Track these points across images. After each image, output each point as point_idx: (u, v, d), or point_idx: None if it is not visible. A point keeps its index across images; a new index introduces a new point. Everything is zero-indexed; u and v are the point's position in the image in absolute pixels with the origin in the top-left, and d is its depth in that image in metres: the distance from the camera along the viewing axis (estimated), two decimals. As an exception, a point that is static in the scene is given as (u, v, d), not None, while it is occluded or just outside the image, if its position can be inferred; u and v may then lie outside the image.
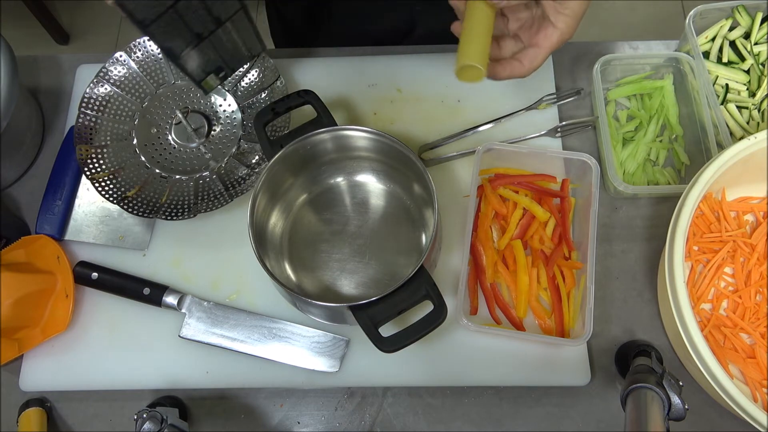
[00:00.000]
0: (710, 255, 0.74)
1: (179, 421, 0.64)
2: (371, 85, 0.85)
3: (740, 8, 0.83)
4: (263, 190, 0.69)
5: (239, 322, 0.74)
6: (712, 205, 0.76)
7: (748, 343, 0.71)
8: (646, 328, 0.74)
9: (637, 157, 0.80)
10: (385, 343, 0.60)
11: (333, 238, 0.76)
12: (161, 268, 0.77)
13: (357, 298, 0.68)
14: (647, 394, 0.58)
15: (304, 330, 0.73)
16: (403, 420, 0.72)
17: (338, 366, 0.72)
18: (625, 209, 0.80)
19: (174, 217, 0.75)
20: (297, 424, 0.73)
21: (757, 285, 0.72)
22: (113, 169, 0.78)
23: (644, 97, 0.84)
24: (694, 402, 0.69)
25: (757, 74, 0.82)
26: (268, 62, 0.82)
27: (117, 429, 0.73)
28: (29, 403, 0.71)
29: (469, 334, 0.72)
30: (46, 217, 0.78)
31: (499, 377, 0.72)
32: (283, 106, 0.73)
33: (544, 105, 0.83)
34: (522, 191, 0.77)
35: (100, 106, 0.81)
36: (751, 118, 0.81)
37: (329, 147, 0.73)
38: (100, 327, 0.75)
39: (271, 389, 0.74)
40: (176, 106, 0.82)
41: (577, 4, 0.58)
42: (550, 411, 0.72)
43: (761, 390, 0.69)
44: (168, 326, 0.74)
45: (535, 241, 0.75)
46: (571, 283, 0.73)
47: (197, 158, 0.80)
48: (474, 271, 0.74)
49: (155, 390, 0.73)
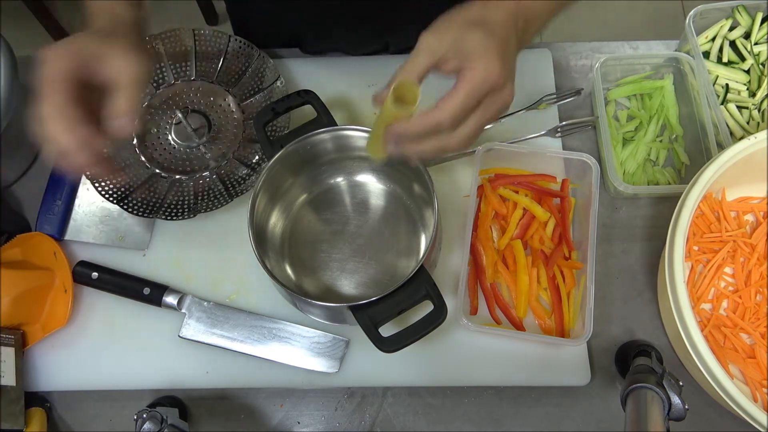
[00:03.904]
0: (710, 255, 0.74)
1: (179, 421, 0.65)
2: (371, 85, 0.85)
3: (740, 8, 0.83)
4: (263, 190, 0.69)
5: (239, 323, 0.74)
6: (712, 205, 0.76)
7: (748, 343, 0.71)
8: (646, 328, 0.74)
9: (637, 157, 0.80)
10: (385, 343, 0.60)
11: (333, 238, 0.76)
12: (161, 268, 0.77)
13: (357, 298, 0.68)
14: (647, 394, 0.58)
15: (304, 330, 0.73)
16: (403, 420, 0.72)
17: (338, 366, 0.72)
18: (625, 209, 0.80)
19: (174, 217, 0.75)
20: (297, 424, 0.73)
21: (757, 285, 0.72)
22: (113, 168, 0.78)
23: (644, 97, 0.84)
24: (694, 402, 0.69)
25: (757, 74, 0.82)
26: (268, 62, 0.82)
27: (117, 429, 0.73)
28: (30, 402, 0.71)
29: (469, 334, 0.72)
30: (46, 217, 0.78)
31: (499, 377, 0.72)
32: (283, 106, 0.73)
33: (544, 105, 0.83)
34: (522, 191, 0.77)
35: (100, 106, 0.81)
36: (751, 118, 0.81)
37: (329, 147, 0.73)
38: (100, 327, 0.75)
39: (271, 389, 0.74)
40: (176, 106, 0.82)
41: (473, 41, 0.52)
42: (550, 411, 0.72)
43: (761, 390, 0.69)
44: (168, 326, 0.74)
45: (535, 241, 0.75)
46: (571, 283, 0.73)
47: (197, 158, 0.80)
48: (474, 271, 0.74)
49: (155, 390, 0.73)
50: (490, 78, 0.52)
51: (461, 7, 0.55)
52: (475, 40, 0.52)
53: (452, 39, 0.53)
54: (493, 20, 0.54)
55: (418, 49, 0.53)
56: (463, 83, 0.52)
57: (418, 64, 0.53)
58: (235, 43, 0.83)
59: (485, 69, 0.52)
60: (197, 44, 0.83)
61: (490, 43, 0.52)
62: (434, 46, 0.53)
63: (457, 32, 0.53)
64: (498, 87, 0.53)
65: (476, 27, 0.53)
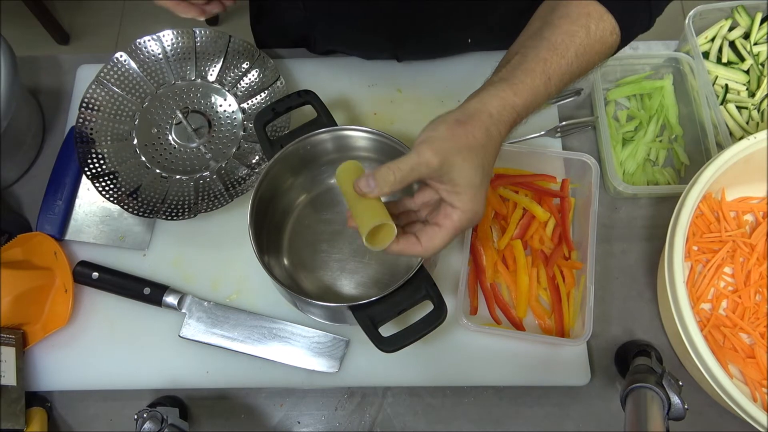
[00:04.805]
0: (710, 255, 0.74)
1: (179, 420, 0.65)
2: (371, 85, 0.85)
3: (740, 8, 0.83)
4: (263, 190, 0.69)
5: (239, 322, 0.74)
6: (711, 205, 0.76)
7: (748, 343, 0.71)
8: (646, 328, 0.74)
9: (636, 157, 0.80)
10: (385, 343, 0.60)
11: (333, 238, 0.76)
12: (161, 268, 0.77)
13: (357, 298, 0.68)
14: (647, 394, 0.58)
15: (304, 330, 0.73)
16: (403, 420, 0.72)
17: (338, 366, 0.72)
18: (625, 209, 0.80)
19: (174, 217, 0.75)
20: (297, 424, 0.73)
21: (757, 285, 0.72)
22: (113, 169, 0.78)
23: (644, 97, 0.84)
24: (694, 402, 0.69)
25: (756, 74, 0.82)
26: (268, 62, 0.82)
27: (117, 429, 0.73)
28: (30, 402, 0.71)
29: (469, 334, 0.72)
30: (47, 217, 0.78)
31: (499, 377, 0.72)
32: (283, 106, 0.73)
33: (544, 105, 0.83)
34: (522, 191, 0.77)
35: (101, 106, 0.81)
36: (751, 118, 0.81)
37: (329, 147, 0.73)
38: (101, 327, 0.75)
39: (271, 389, 0.74)
40: (176, 106, 0.82)
41: (467, 181, 0.53)
42: (550, 411, 0.72)
43: (761, 390, 0.69)
44: (168, 326, 0.74)
45: (535, 241, 0.75)
46: (571, 283, 0.73)
47: (197, 158, 0.80)
48: (474, 271, 0.74)
49: (155, 390, 0.73)
50: (474, 219, 0.55)
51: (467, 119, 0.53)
52: (471, 177, 0.53)
53: (449, 166, 0.52)
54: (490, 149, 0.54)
55: (418, 162, 0.52)
56: (450, 224, 0.54)
57: (410, 175, 0.53)
58: (235, 43, 0.83)
59: (473, 211, 0.54)
60: (197, 44, 0.84)
61: (483, 181, 0.54)
62: (433, 166, 0.52)
63: (457, 160, 0.52)
64: (477, 221, 0.56)
65: (475, 160, 0.53)
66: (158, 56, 0.83)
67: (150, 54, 0.83)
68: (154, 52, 0.83)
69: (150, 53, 0.83)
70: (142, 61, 0.83)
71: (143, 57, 0.83)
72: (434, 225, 0.55)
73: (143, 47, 0.83)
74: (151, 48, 0.83)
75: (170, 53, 0.83)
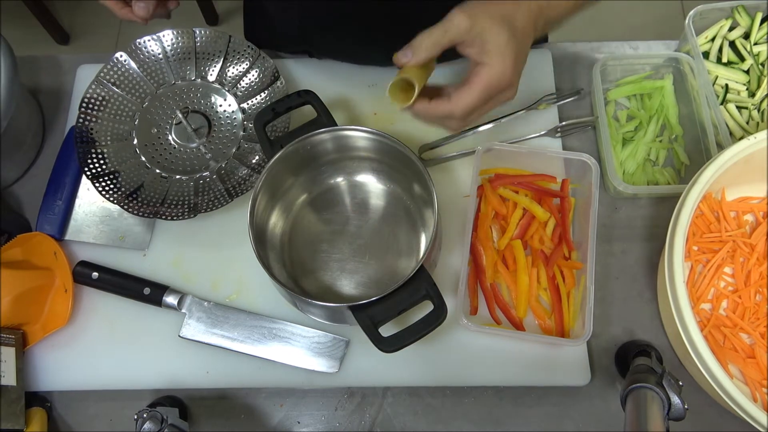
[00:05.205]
0: (710, 255, 0.74)
1: (179, 420, 0.65)
2: (371, 85, 0.85)
3: (740, 8, 0.83)
4: (263, 190, 0.69)
5: (239, 323, 0.74)
6: (711, 205, 0.76)
7: (748, 343, 0.71)
8: (646, 328, 0.74)
9: (636, 157, 0.80)
10: (385, 343, 0.60)
11: (333, 238, 0.76)
12: (161, 268, 0.77)
13: (357, 298, 0.68)
14: (647, 394, 0.58)
15: (304, 330, 0.73)
16: (403, 420, 0.72)
17: (338, 366, 0.72)
18: (625, 209, 0.80)
19: (174, 217, 0.75)
20: (297, 424, 0.73)
21: (757, 285, 0.72)
22: (113, 169, 0.78)
23: (644, 97, 0.84)
24: (694, 402, 0.69)
25: (756, 74, 0.82)
26: (268, 62, 0.82)
27: (117, 429, 0.73)
28: (30, 402, 0.71)
29: (469, 334, 0.72)
30: (47, 217, 0.78)
31: (499, 377, 0.72)
32: (283, 106, 0.73)
33: (544, 105, 0.83)
34: (522, 191, 0.77)
35: (101, 106, 0.81)
36: (751, 118, 0.81)
37: (329, 147, 0.73)
38: (101, 327, 0.75)
39: (271, 389, 0.74)
40: (176, 106, 0.82)
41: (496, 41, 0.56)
42: (550, 411, 0.72)
43: (761, 390, 0.69)
44: (168, 326, 0.74)
45: (535, 241, 0.75)
46: (571, 283, 0.73)
47: (197, 158, 0.80)
48: (474, 271, 0.74)
49: (155, 390, 0.73)
50: (503, 79, 0.58)
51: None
52: (500, 38, 0.57)
53: (480, 28, 0.56)
54: (520, 22, 0.58)
55: (450, 25, 0.57)
56: (479, 80, 0.57)
57: (443, 38, 0.57)
58: (235, 43, 0.83)
59: (501, 70, 0.57)
60: (197, 44, 0.84)
61: (511, 44, 0.57)
62: (463, 28, 0.56)
63: (487, 23, 0.57)
64: (507, 87, 0.59)
65: (504, 25, 0.57)
66: (158, 56, 0.83)
67: (150, 54, 0.83)
68: (154, 52, 0.83)
69: (150, 53, 0.83)
70: (142, 61, 0.83)
71: (143, 57, 0.83)
72: (463, 84, 0.59)
73: (143, 47, 0.83)
74: (151, 48, 0.83)
75: (170, 53, 0.83)
